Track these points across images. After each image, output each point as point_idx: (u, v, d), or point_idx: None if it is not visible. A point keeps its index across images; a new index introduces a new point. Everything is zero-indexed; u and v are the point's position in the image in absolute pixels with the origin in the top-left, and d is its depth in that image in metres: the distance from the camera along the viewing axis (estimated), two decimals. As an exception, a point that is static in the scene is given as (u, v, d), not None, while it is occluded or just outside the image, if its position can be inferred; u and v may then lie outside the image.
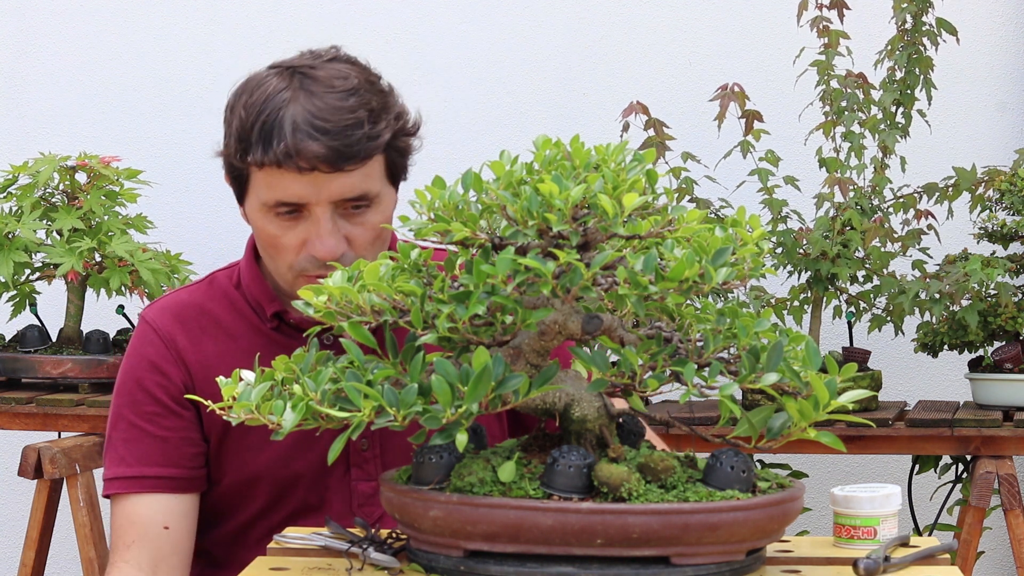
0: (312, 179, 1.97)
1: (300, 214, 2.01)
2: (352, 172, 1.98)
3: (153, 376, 2.10)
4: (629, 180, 1.58)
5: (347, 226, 2.02)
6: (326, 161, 1.95)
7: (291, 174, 1.97)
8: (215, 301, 2.14)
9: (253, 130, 1.99)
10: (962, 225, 3.22)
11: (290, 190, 1.98)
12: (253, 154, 1.98)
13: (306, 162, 1.95)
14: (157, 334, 2.12)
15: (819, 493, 3.33)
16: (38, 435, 3.32)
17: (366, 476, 2.11)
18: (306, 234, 2.01)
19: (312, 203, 1.99)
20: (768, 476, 1.68)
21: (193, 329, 2.12)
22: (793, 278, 3.13)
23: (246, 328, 2.12)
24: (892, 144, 3.05)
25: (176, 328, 2.12)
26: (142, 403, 2.10)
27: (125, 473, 2.09)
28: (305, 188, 1.98)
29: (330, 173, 1.97)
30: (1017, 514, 2.88)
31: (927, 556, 1.75)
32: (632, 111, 3.10)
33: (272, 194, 2.00)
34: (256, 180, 2.02)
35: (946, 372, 3.50)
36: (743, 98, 3.10)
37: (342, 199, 2.00)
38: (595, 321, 1.60)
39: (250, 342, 2.10)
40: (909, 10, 3.05)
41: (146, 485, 2.08)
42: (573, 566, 1.54)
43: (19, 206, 3.14)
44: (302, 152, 1.95)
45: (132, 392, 2.11)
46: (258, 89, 2.02)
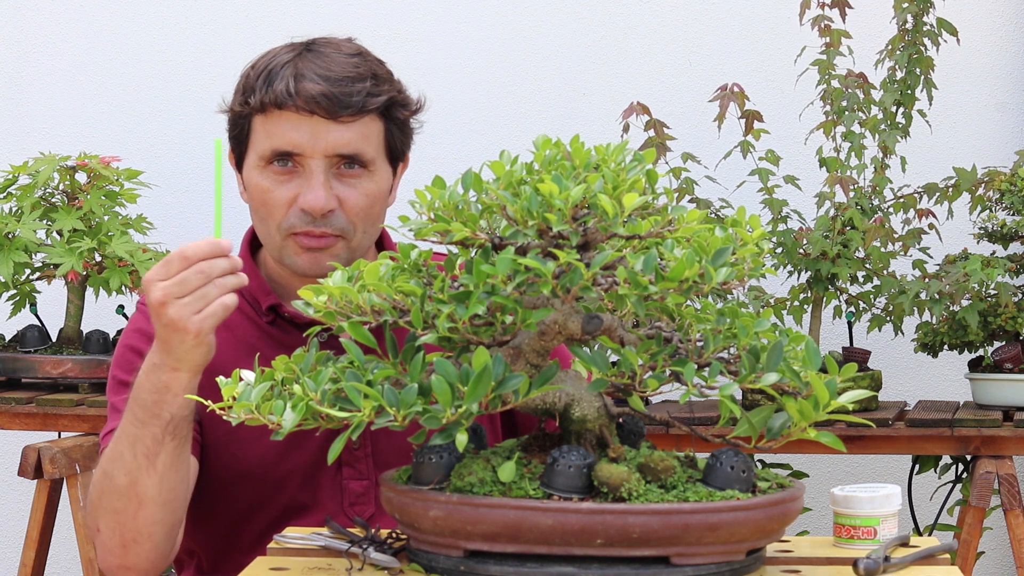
0: (310, 126, 2.03)
1: (294, 170, 2.05)
2: (349, 125, 2.04)
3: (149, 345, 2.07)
4: (629, 180, 1.58)
5: (339, 187, 2.06)
6: (325, 105, 2.02)
7: (290, 120, 2.03)
8: None
9: (257, 79, 2.06)
10: (962, 225, 3.22)
11: (287, 137, 2.04)
12: (254, 96, 2.05)
13: (305, 103, 2.02)
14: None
15: (819, 493, 3.33)
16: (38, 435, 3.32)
17: (358, 475, 2.11)
18: (298, 189, 2.05)
19: (307, 155, 2.04)
20: (768, 476, 1.68)
21: None
22: (793, 278, 3.13)
23: (241, 319, 2.11)
24: (892, 144, 3.05)
25: None
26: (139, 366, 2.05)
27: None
28: (302, 136, 2.03)
29: (327, 120, 2.03)
30: (1017, 514, 2.88)
31: (927, 556, 1.75)
32: (632, 112, 3.10)
33: (269, 142, 2.05)
34: (256, 131, 2.07)
35: (946, 372, 3.50)
36: (743, 98, 3.10)
37: (336, 154, 2.04)
38: (595, 321, 1.60)
39: (245, 333, 2.10)
40: (910, 10, 3.05)
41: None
42: (573, 566, 1.54)
43: (19, 206, 3.14)
44: (302, 92, 2.02)
45: (130, 360, 2.09)
46: (266, 55, 2.10)
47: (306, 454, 2.08)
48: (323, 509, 2.09)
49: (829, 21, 3.09)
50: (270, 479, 2.09)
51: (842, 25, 3.10)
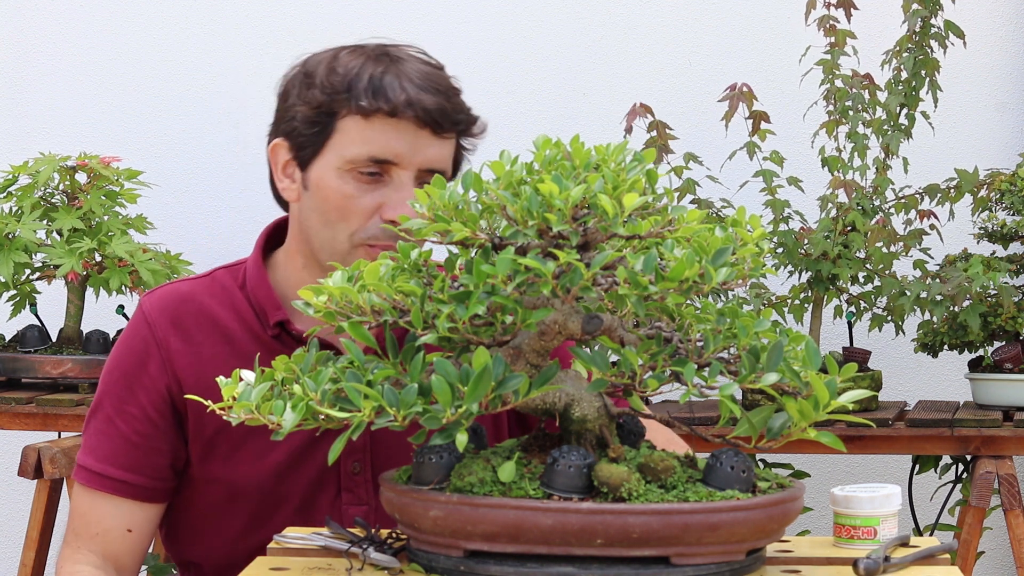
0: (413, 138, 1.98)
1: (381, 179, 1.99)
2: (446, 141, 2.01)
3: (139, 376, 2.06)
4: (629, 180, 1.58)
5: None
6: (439, 119, 1.98)
7: (396, 129, 1.97)
8: (215, 299, 2.09)
9: (360, 80, 1.98)
10: (962, 225, 3.22)
11: (389, 145, 1.97)
12: (360, 101, 1.97)
13: (424, 113, 1.97)
14: (151, 330, 2.07)
15: (819, 493, 3.33)
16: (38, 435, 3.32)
17: (356, 500, 2.07)
18: (383, 199, 1.98)
19: (401, 165, 1.98)
20: (768, 476, 1.68)
21: (189, 327, 2.07)
22: (794, 278, 3.13)
23: (244, 332, 2.07)
24: (896, 146, 3.05)
25: (171, 327, 2.07)
26: (124, 400, 2.07)
27: (93, 466, 2.07)
28: (405, 146, 1.98)
29: (431, 135, 1.98)
30: (1017, 514, 2.88)
31: (927, 556, 1.75)
32: (636, 115, 3.09)
33: (366, 148, 1.98)
34: (347, 133, 1.99)
35: (946, 372, 3.50)
36: (751, 98, 3.10)
37: (428, 168, 1.99)
38: (595, 321, 1.60)
39: (248, 347, 2.05)
40: (920, 13, 3.05)
41: (110, 486, 2.06)
42: (573, 566, 1.54)
43: (19, 206, 3.15)
44: (421, 103, 1.97)
45: (116, 385, 2.08)
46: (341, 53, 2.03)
47: (304, 478, 2.05)
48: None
49: (835, 21, 3.09)
50: (267, 502, 2.07)
51: (847, 25, 3.09)
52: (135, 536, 2.07)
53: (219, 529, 2.10)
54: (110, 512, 2.07)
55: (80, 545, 2.07)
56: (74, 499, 2.11)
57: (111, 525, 2.06)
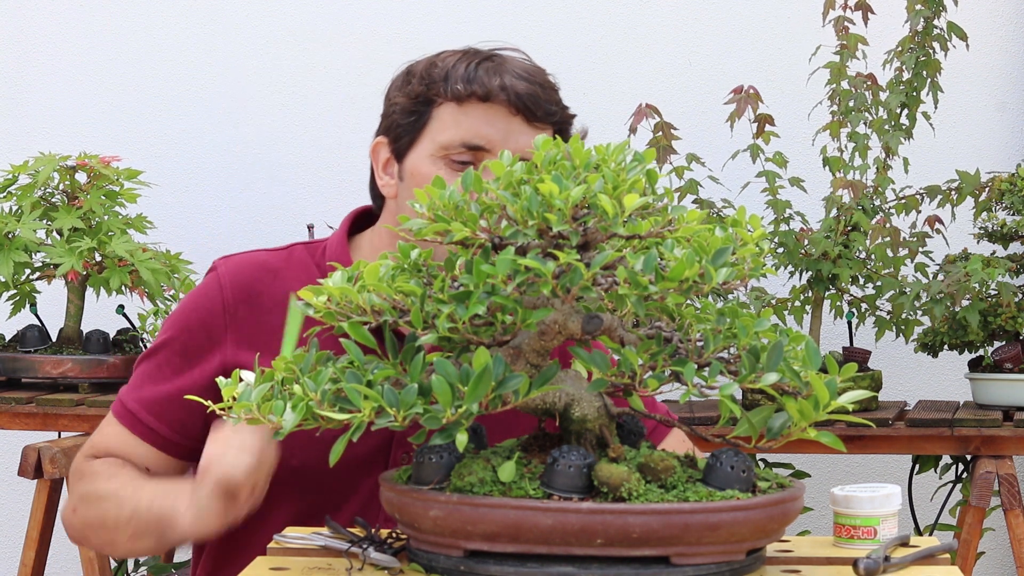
0: (507, 124, 2.01)
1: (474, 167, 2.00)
2: (540, 130, 2.03)
3: (201, 342, 2.07)
4: (629, 180, 1.58)
5: None
6: (531, 105, 2.01)
7: (488, 114, 2.01)
8: (292, 271, 2.09)
9: (457, 70, 2.03)
10: (962, 225, 3.22)
11: (481, 131, 2.01)
12: (457, 85, 2.02)
13: (515, 98, 2.01)
14: (222, 295, 2.07)
15: (819, 493, 3.33)
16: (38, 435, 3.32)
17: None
18: None
19: (493, 152, 2.00)
20: (768, 476, 1.68)
21: (262, 296, 2.07)
22: (794, 278, 3.13)
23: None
24: (896, 146, 3.05)
25: (243, 295, 2.07)
26: (180, 358, 2.07)
27: (130, 404, 2.08)
28: (497, 132, 2.01)
29: (524, 122, 2.02)
30: (1017, 514, 2.88)
31: (927, 556, 1.75)
32: (643, 115, 3.09)
33: (459, 132, 2.02)
34: (441, 119, 2.04)
35: (946, 372, 3.50)
36: (758, 100, 3.10)
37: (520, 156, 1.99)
38: (595, 321, 1.60)
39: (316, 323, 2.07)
40: (923, 13, 3.05)
41: (139, 430, 2.08)
42: (573, 566, 1.54)
43: (19, 206, 3.15)
44: (512, 88, 2.01)
45: (176, 342, 2.08)
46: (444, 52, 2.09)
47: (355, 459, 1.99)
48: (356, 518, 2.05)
49: (851, 23, 3.09)
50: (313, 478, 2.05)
51: (863, 29, 3.09)
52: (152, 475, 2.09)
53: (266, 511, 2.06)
54: (135, 449, 2.08)
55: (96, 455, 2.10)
56: (106, 424, 2.12)
57: (133, 457, 2.08)
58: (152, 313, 3.22)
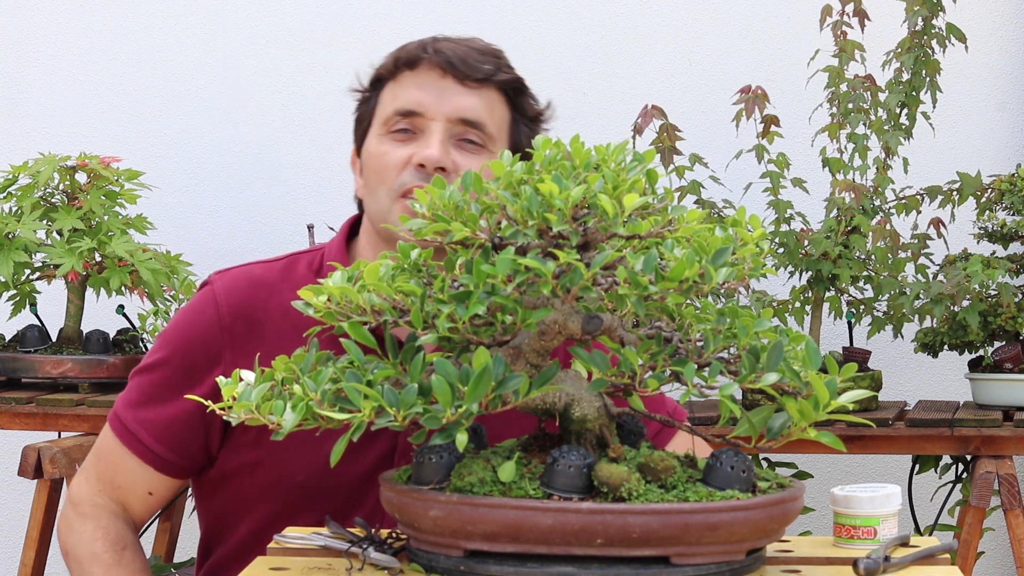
0: (438, 88, 2.04)
1: (414, 136, 2.05)
2: (475, 91, 2.05)
3: (199, 361, 2.05)
4: (629, 180, 1.58)
5: (458, 155, 2.05)
6: (458, 64, 2.04)
7: (418, 79, 2.05)
8: (289, 284, 2.07)
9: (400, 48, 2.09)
10: (962, 225, 3.22)
11: (412, 96, 2.05)
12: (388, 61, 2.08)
13: (439, 59, 2.04)
14: (218, 314, 2.06)
15: (819, 493, 3.33)
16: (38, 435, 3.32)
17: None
18: (415, 149, 2.04)
19: (428, 115, 2.04)
20: (768, 476, 1.68)
21: (258, 313, 2.06)
22: (794, 279, 3.13)
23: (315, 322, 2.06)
24: (895, 145, 3.05)
25: (239, 312, 2.06)
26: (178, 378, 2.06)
27: (130, 424, 2.08)
28: (428, 95, 2.04)
29: (456, 82, 2.04)
30: (1017, 514, 2.88)
31: (927, 556, 1.75)
32: (651, 117, 3.08)
33: (394, 104, 2.06)
34: (382, 102, 2.09)
35: (946, 372, 3.50)
36: (765, 101, 3.10)
37: (459, 118, 2.04)
38: (595, 321, 1.60)
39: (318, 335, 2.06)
40: (921, 12, 3.05)
41: (141, 452, 2.08)
42: (573, 566, 1.54)
43: (19, 206, 3.14)
44: (438, 49, 2.05)
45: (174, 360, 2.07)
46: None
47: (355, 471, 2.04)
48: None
49: (849, 27, 3.09)
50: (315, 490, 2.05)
51: (860, 35, 3.09)
52: (154, 499, 2.12)
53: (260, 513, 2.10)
54: (137, 471, 2.10)
55: (103, 489, 2.12)
56: (105, 440, 2.12)
57: (136, 482, 2.10)
58: (152, 313, 3.22)
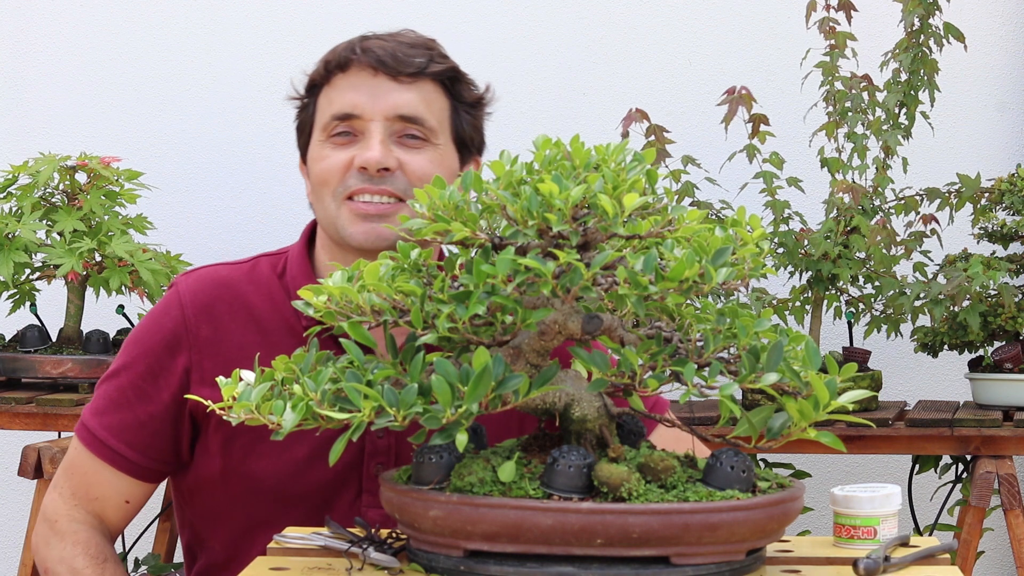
0: (371, 87, 2.04)
1: (354, 138, 2.05)
2: (410, 86, 2.05)
3: (164, 361, 2.07)
4: (629, 180, 1.58)
5: (401, 152, 2.05)
6: (388, 61, 2.04)
7: (351, 81, 2.05)
8: (253, 286, 2.09)
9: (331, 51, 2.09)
10: (962, 225, 3.22)
11: (347, 98, 2.05)
12: (319, 66, 2.08)
13: (368, 59, 2.04)
14: (183, 314, 2.08)
15: (819, 493, 3.33)
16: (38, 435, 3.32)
17: (377, 503, 2.04)
18: (357, 152, 2.05)
19: (366, 116, 2.04)
20: (768, 476, 1.68)
21: (222, 314, 2.07)
22: (794, 279, 3.13)
23: (278, 323, 2.07)
24: (895, 145, 3.05)
25: (203, 313, 2.07)
26: (144, 379, 2.07)
27: (98, 432, 2.09)
28: (362, 96, 2.04)
29: (389, 80, 2.04)
30: (1017, 514, 2.88)
31: (927, 556, 1.75)
32: (632, 120, 3.09)
33: (331, 108, 2.06)
34: (320, 108, 2.08)
35: (946, 372, 3.50)
36: (750, 101, 3.10)
37: (397, 115, 2.04)
38: (595, 321, 1.60)
39: (280, 338, 2.05)
40: (917, 12, 3.05)
41: (112, 459, 2.08)
42: (573, 566, 1.54)
43: (19, 206, 3.14)
44: (366, 49, 2.05)
45: (140, 362, 2.08)
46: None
47: (324, 476, 2.04)
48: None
49: (835, 23, 3.09)
50: (286, 494, 2.06)
51: (847, 28, 3.09)
52: (130, 507, 2.12)
53: (236, 521, 2.10)
54: (111, 481, 2.10)
55: (78, 504, 2.11)
56: (75, 453, 2.12)
57: (111, 493, 2.10)
58: (152, 313, 3.22)
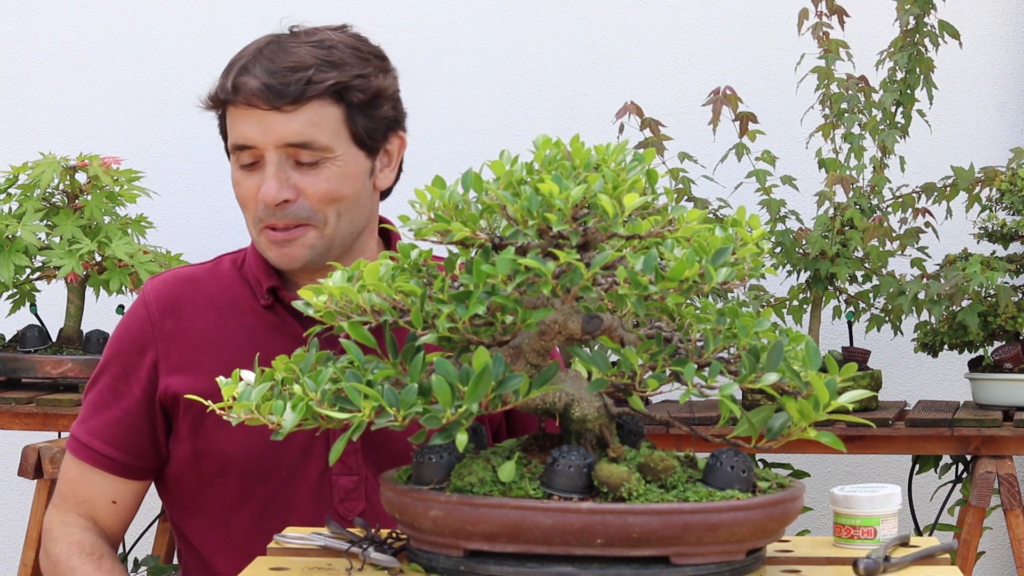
0: (257, 119, 2.05)
1: (256, 164, 2.08)
2: (293, 114, 2.05)
3: (134, 359, 2.15)
4: (629, 180, 1.58)
5: (298, 176, 2.07)
6: (263, 96, 2.04)
7: (240, 114, 2.07)
8: (215, 280, 2.18)
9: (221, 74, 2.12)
10: (962, 225, 3.22)
11: (241, 131, 2.07)
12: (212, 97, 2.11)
13: (244, 97, 2.05)
14: (148, 313, 2.16)
15: (819, 493, 3.33)
16: (38, 435, 3.32)
17: (347, 470, 2.11)
18: (260, 182, 2.07)
19: (259, 147, 2.06)
20: (768, 476, 1.68)
21: (184, 308, 2.15)
22: (792, 278, 3.13)
23: (240, 306, 2.14)
24: (891, 144, 3.05)
25: (167, 310, 2.15)
26: (118, 379, 2.16)
27: (81, 437, 2.17)
28: (252, 128, 2.06)
29: (271, 111, 2.05)
30: (1017, 514, 2.88)
31: (927, 556, 1.75)
32: (626, 111, 3.09)
33: (232, 137, 2.10)
34: (228, 125, 2.11)
35: (946, 372, 3.50)
36: (735, 101, 3.10)
37: (286, 143, 2.06)
38: (595, 321, 1.60)
39: (241, 320, 2.13)
40: (912, 11, 3.05)
41: (95, 459, 2.16)
42: (573, 566, 1.54)
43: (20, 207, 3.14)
44: (240, 87, 2.06)
45: (113, 364, 2.17)
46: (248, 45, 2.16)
47: (293, 446, 2.08)
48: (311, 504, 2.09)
49: (829, 28, 3.09)
50: (255, 470, 2.11)
51: (841, 34, 3.09)
52: (119, 507, 2.17)
53: (213, 501, 2.15)
54: (95, 482, 2.16)
55: (68, 508, 2.17)
56: (65, 463, 2.20)
57: (96, 495, 2.16)
58: (152, 313, 3.22)
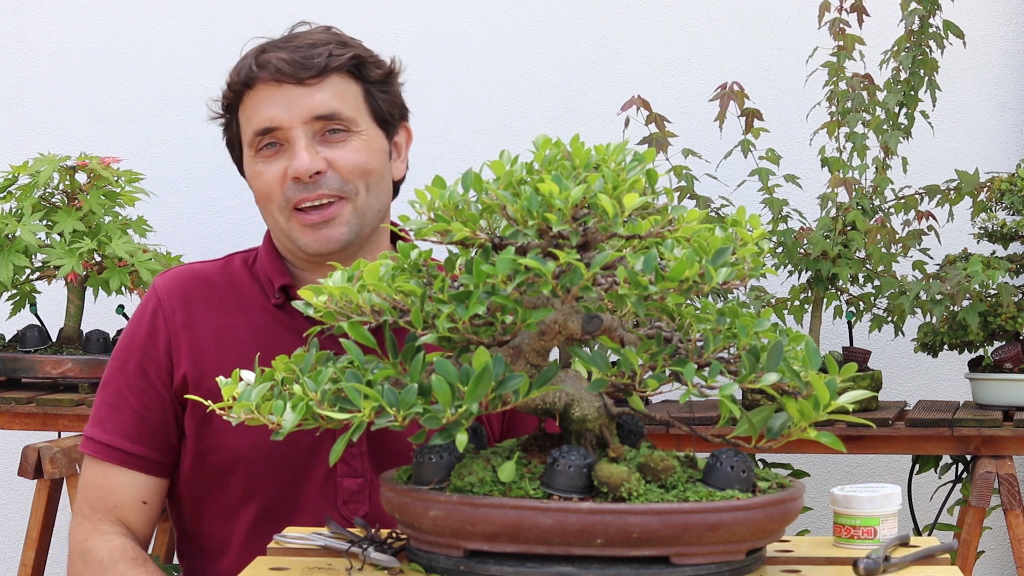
0: (282, 97, 2.08)
1: (280, 148, 2.10)
2: (319, 86, 2.08)
3: (148, 351, 2.14)
4: (629, 180, 1.58)
5: (327, 150, 2.09)
6: (288, 71, 2.07)
7: (261, 96, 2.09)
8: (226, 277, 2.18)
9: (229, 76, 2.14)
10: (962, 225, 3.22)
11: (263, 113, 2.09)
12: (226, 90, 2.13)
13: (270, 73, 2.07)
14: (160, 306, 2.16)
15: (819, 493, 3.33)
16: (38, 435, 3.32)
17: (352, 472, 2.11)
18: (287, 162, 2.09)
19: (285, 126, 2.08)
20: (768, 476, 1.68)
21: (194, 303, 2.15)
22: (793, 278, 3.13)
23: (251, 305, 2.14)
24: (894, 145, 3.05)
25: (178, 303, 2.15)
26: (134, 374, 2.14)
27: (102, 438, 2.14)
28: (276, 109, 2.08)
29: (296, 86, 2.07)
30: (1017, 514, 2.88)
31: (927, 556, 1.75)
32: (632, 104, 3.09)
33: (250, 126, 2.11)
34: (241, 124, 2.13)
35: (946, 372, 3.50)
36: (742, 97, 3.10)
37: (313, 117, 2.08)
38: (595, 321, 1.60)
39: (252, 318, 2.13)
40: (917, 12, 3.05)
41: (122, 459, 2.13)
42: (573, 566, 1.54)
43: (19, 206, 3.14)
44: (265, 63, 2.08)
45: (128, 360, 2.15)
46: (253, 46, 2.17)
47: (299, 447, 2.08)
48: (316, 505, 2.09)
49: (846, 24, 3.09)
50: (261, 469, 2.10)
51: (858, 31, 3.09)
52: (149, 507, 2.15)
53: (218, 498, 2.15)
54: (125, 483, 2.13)
55: (100, 517, 2.14)
56: (85, 472, 2.16)
57: (127, 496, 2.13)
58: (152, 313, 3.22)
